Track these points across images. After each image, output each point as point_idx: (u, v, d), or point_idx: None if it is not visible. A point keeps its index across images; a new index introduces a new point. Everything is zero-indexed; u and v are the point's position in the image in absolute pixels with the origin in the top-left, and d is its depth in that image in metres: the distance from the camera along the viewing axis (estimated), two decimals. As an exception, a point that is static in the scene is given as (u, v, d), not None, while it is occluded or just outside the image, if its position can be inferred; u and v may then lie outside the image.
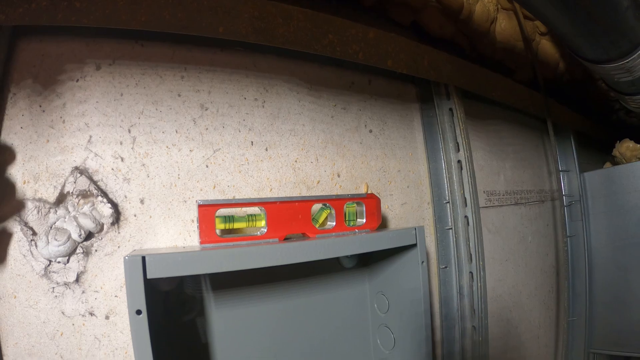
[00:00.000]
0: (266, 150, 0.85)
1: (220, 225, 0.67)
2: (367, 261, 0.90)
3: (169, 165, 0.75)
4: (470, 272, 1.03)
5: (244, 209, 0.75)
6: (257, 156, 0.84)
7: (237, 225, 0.69)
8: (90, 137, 0.70)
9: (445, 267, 1.06)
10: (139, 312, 0.53)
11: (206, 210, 0.66)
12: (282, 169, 0.85)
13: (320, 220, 0.78)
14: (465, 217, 1.03)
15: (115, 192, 0.71)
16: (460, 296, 1.03)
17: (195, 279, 0.72)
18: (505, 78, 1.27)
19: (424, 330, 0.81)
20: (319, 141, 0.92)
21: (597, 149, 1.99)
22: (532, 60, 1.36)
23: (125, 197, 0.72)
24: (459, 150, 1.04)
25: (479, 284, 1.04)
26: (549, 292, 1.56)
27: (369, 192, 0.95)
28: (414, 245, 0.79)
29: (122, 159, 0.73)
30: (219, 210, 0.66)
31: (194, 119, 0.79)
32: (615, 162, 1.82)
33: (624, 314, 1.66)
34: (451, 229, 1.05)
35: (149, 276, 0.54)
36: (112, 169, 0.71)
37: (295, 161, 0.88)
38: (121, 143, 0.73)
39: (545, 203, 1.58)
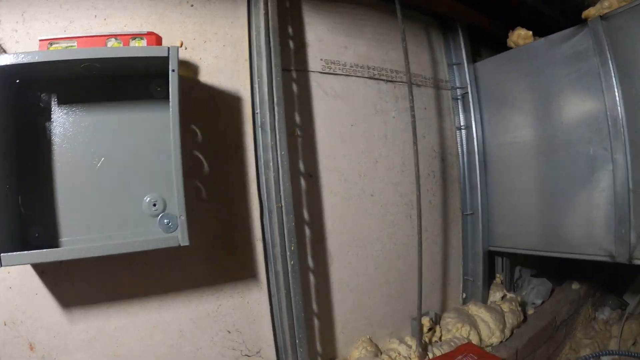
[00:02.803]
0: (105, 19, 1.30)
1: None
2: (173, 92, 1.27)
3: (43, 31, 1.25)
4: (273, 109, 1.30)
5: (67, 42, 1.19)
6: (99, 24, 1.30)
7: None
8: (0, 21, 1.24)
9: (258, 112, 1.35)
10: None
11: (43, 43, 1.15)
12: (113, 31, 1.28)
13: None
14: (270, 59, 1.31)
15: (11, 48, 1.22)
16: (263, 131, 1.32)
17: (48, 96, 1.20)
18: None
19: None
20: (145, 14, 1.33)
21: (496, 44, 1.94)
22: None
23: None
24: (268, 16, 1.34)
25: (277, 119, 1.30)
26: (429, 176, 1.64)
27: (183, 47, 1.33)
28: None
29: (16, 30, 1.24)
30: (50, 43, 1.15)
31: (60, 4, 1.27)
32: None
33: (526, 208, 1.63)
34: (259, 79, 1.35)
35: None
36: (10, 37, 1.23)
37: (125, 26, 1.31)
38: (17, 22, 1.25)
39: (423, 88, 1.68)
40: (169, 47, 1.12)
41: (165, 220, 1.26)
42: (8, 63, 1.03)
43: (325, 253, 1.46)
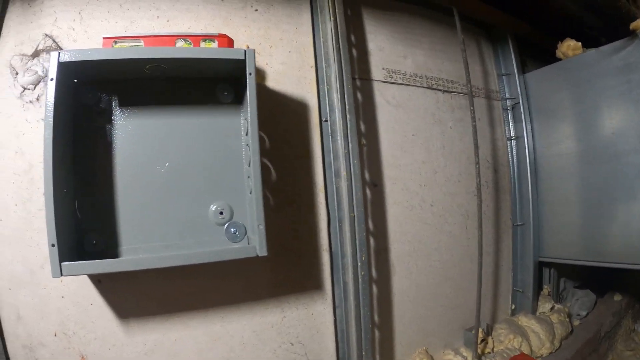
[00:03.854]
0: (167, 21, 1.27)
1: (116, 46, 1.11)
2: (240, 98, 1.23)
3: (102, 30, 1.21)
4: (345, 117, 1.28)
5: (132, 42, 1.16)
6: (161, 25, 1.26)
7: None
8: (56, 18, 1.19)
9: (326, 120, 1.33)
10: (52, 79, 0.96)
11: (107, 41, 1.10)
12: (178, 32, 1.25)
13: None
14: (341, 67, 1.29)
15: (68, 46, 1.18)
16: (333, 139, 1.29)
17: (109, 97, 1.15)
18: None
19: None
20: (209, 16, 1.30)
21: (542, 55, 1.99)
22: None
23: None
24: (337, 24, 1.32)
25: (349, 127, 1.28)
26: (483, 187, 1.65)
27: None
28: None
29: (74, 29, 1.20)
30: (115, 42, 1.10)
31: (121, 4, 1.24)
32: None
33: (577, 219, 1.65)
34: (328, 86, 1.33)
35: (60, 60, 0.97)
36: (67, 35, 1.19)
37: (189, 28, 1.28)
38: (74, 20, 1.21)
39: (476, 99, 1.70)
40: (245, 50, 1.10)
41: (232, 229, 1.21)
42: (74, 59, 0.98)
43: (388, 263, 1.44)
